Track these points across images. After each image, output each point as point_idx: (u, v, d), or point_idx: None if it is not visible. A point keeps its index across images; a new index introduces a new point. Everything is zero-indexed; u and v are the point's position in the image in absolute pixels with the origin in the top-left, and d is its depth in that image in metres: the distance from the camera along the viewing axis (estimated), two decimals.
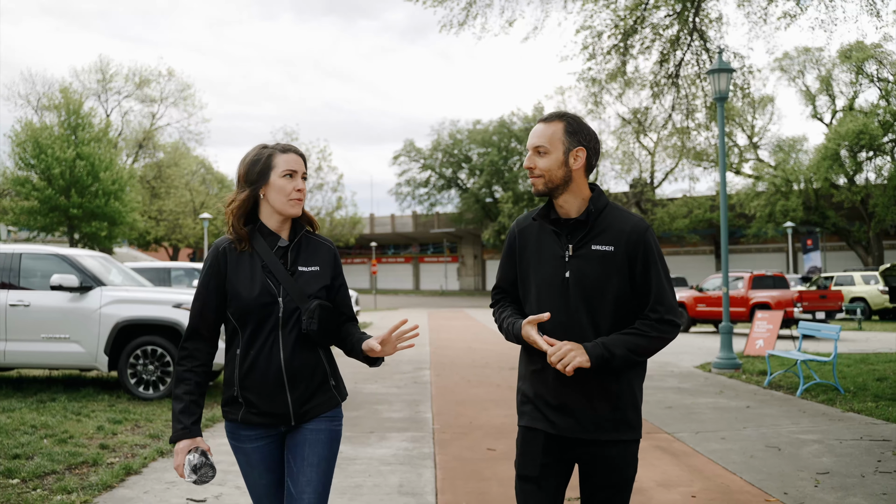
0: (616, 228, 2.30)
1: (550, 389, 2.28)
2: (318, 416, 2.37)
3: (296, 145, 2.43)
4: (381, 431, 6.52)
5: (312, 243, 2.45)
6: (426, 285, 64.88)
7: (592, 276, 2.26)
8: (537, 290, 2.33)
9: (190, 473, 2.22)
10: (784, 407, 7.71)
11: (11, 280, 8.69)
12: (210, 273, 2.37)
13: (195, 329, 2.38)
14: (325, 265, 2.43)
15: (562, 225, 2.35)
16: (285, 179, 2.35)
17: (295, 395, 2.33)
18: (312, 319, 2.30)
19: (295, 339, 2.32)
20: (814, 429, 6.55)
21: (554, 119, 2.35)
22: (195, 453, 2.24)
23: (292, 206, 2.37)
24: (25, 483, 4.81)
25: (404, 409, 7.76)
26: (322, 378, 2.39)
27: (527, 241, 2.41)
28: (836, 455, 5.55)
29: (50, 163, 33.83)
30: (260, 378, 2.31)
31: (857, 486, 4.72)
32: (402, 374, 10.53)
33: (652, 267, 2.28)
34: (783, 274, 19.66)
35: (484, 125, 55.62)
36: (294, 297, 2.33)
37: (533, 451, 2.32)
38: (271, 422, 2.34)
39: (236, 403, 2.36)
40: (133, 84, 49.97)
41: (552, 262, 2.32)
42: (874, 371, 10.06)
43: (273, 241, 2.38)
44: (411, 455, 5.63)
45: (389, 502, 4.42)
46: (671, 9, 17.27)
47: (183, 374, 2.35)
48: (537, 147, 2.32)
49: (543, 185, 2.32)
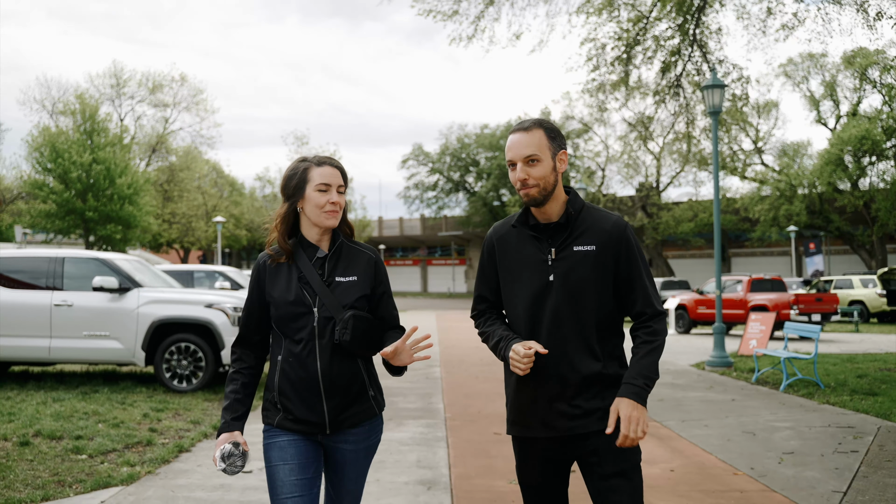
0: (597, 228, 2.33)
1: (537, 395, 2.31)
2: (355, 426, 2.42)
3: (329, 156, 2.52)
4: (399, 419, 7.24)
5: (352, 252, 2.48)
6: (434, 287, 65.58)
7: (576, 278, 2.29)
8: (522, 295, 2.35)
9: (220, 461, 2.32)
10: (766, 400, 8.40)
11: (56, 282, 9.44)
12: (253, 286, 2.49)
13: (243, 336, 2.50)
14: (363, 274, 2.45)
15: (541, 230, 2.36)
16: (319, 193, 2.40)
17: (331, 405, 2.36)
18: (346, 330, 2.33)
19: (332, 348, 2.35)
20: (788, 418, 7.24)
21: (534, 127, 2.35)
22: (229, 444, 2.34)
23: (327, 218, 2.40)
24: (93, 458, 5.54)
25: (418, 400, 8.49)
26: (360, 388, 2.41)
27: (506, 248, 2.41)
28: (803, 439, 6.24)
29: (67, 167, 34.69)
30: (297, 386, 2.36)
31: (816, 462, 5.41)
32: (415, 372, 11.26)
33: (634, 263, 2.33)
34: (781, 278, 20.29)
35: (491, 129, 56.40)
36: (329, 308, 2.36)
37: (531, 460, 2.35)
38: (307, 430, 2.39)
39: (274, 409, 2.42)
40: (146, 89, 50.94)
41: (535, 267, 2.33)
42: (858, 369, 10.72)
43: (312, 253, 2.44)
44: (426, 438, 6.36)
45: (410, 473, 5.15)
46: (672, 21, 17.98)
47: (232, 376, 2.48)
48: (528, 157, 2.31)
49: (539, 194, 2.31)
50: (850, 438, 6.24)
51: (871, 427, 6.70)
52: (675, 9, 17.60)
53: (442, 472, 5.19)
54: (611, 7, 17.50)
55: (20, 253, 9.90)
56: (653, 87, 19.42)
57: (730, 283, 20.21)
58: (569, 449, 2.32)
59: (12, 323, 9.25)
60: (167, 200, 47.41)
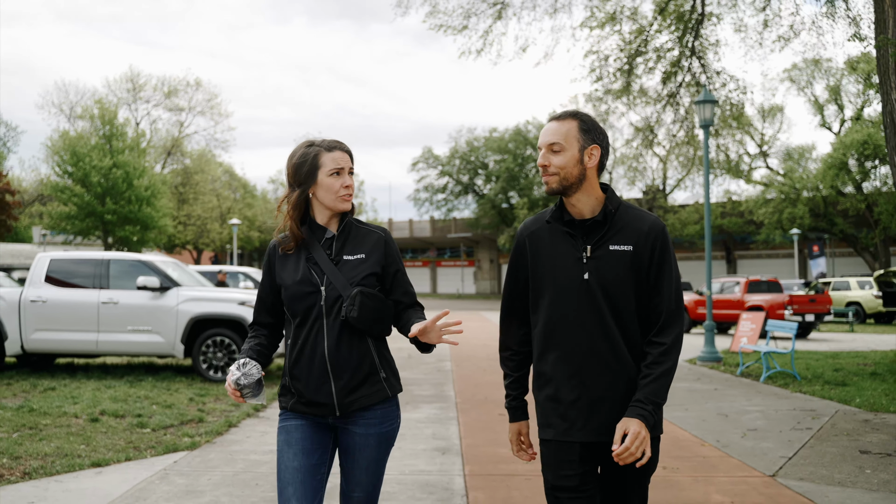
0: (634, 227, 2.28)
1: (575, 398, 2.27)
2: (366, 409, 2.41)
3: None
4: (414, 403, 8.19)
5: (361, 232, 2.49)
6: (443, 289, 66.50)
7: (612, 277, 2.25)
8: (553, 294, 2.31)
9: (235, 369, 2.35)
10: (745, 390, 9.30)
11: (102, 282, 10.44)
12: (265, 270, 2.53)
13: (256, 318, 2.58)
14: (372, 252, 2.45)
15: (576, 226, 2.31)
16: (333, 178, 2.41)
17: (339, 385, 2.36)
18: (353, 306, 2.32)
19: (340, 327, 2.36)
20: (761, 404, 8.14)
21: (567, 117, 2.33)
22: (240, 359, 2.40)
23: (342, 202, 2.43)
24: (155, 432, 6.51)
25: (431, 389, 9.43)
26: (370, 369, 2.40)
27: (539, 245, 2.36)
28: (768, 419, 7.15)
29: (87, 171, 35.79)
30: (306, 367, 2.37)
31: (773, 436, 6.32)
32: (427, 365, 12.20)
33: (665, 267, 2.29)
34: (777, 279, 21.13)
35: (500, 133, 57.35)
36: (337, 286, 2.36)
37: (570, 462, 2.27)
38: (317, 412, 2.40)
39: (288, 393, 2.45)
40: (162, 94, 52.18)
41: (569, 265, 2.28)
42: (837, 364, 11.59)
43: (321, 234, 2.46)
44: (440, 417, 7.30)
45: (427, 443, 6.09)
46: (672, 34, 18.88)
47: (248, 340, 2.56)
48: (551, 144, 2.30)
49: (558, 184, 2.29)
50: (809, 419, 7.14)
51: (830, 410, 7.61)
52: (675, 22, 18.53)
53: (454, 442, 6.13)
54: (613, 21, 18.42)
55: (70, 255, 10.89)
56: (654, 95, 20.31)
57: (728, 284, 21.09)
58: (597, 454, 2.30)
59: (64, 319, 10.24)
60: (182, 203, 48.53)
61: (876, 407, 7.69)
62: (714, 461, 5.50)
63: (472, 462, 5.48)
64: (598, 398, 2.24)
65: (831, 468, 5.27)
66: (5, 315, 10.36)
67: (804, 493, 4.63)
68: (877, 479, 4.97)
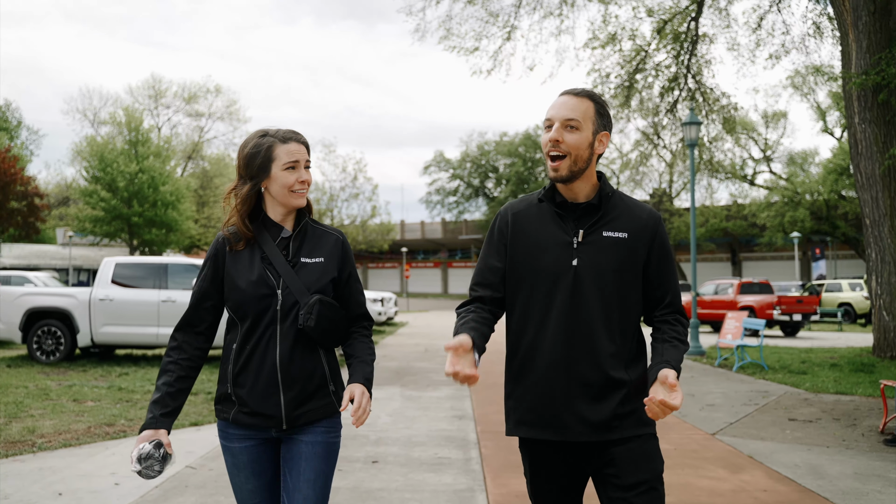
0: (631, 215, 2.16)
1: (554, 393, 2.09)
2: (313, 424, 2.24)
3: (300, 132, 2.33)
4: (434, 386, 9.74)
5: (317, 233, 2.34)
6: (454, 289, 68.03)
7: (604, 265, 2.09)
8: (535, 279, 2.13)
9: (135, 462, 2.11)
10: (716, 377, 10.80)
11: (161, 283, 12.06)
12: (210, 264, 2.29)
13: (188, 321, 2.29)
14: (330, 256, 2.30)
15: (569, 209, 2.16)
16: (288, 171, 2.23)
17: (289, 397, 2.20)
18: (310, 315, 2.18)
19: (294, 335, 2.20)
20: (725, 387, 9.65)
21: (584, 95, 2.14)
22: (149, 444, 2.13)
23: (296, 198, 2.26)
24: None
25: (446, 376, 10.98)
26: (320, 381, 2.25)
27: (523, 226, 2.18)
28: (726, 398, 8.67)
29: (115, 176, 37.57)
30: (253, 375, 2.20)
31: (724, 409, 7.85)
32: (442, 358, 13.76)
33: (667, 258, 2.18)
34: (768, 281, 22.55)
35: (510, 137, 58.95)
36: (294, 291, 2.21)
37: (544, 470, 2.17)
38: (262, 423, 2.21)
39: (229, 401, 2.25)
40: (182, 99, 54.06)
41: (557, 249, 2.12)
42: (806, 357, 13.06)
43: (276, 233, 2.29)
44: (456, 395, 8.86)
45: (446, 412, 7.65)
46: (668, 53, 20.40)
47: (166, 366, 2.25)
48: (569, 120, 2.10)
49: (567, 170, 2.11)
50: (760, 398, 8.66)
51: (780, 391, 9.12)
52: (672, 42, 20.05)
53: (468, 412, 7.69)
54: (614, 42, 19.93)
55: (132, 260, 12.52)
56: (652, 108, 21.82)
57: (723, 286, 22.56)
58: (584, 460, 2.13)
59: (129, 315, 11.87)
60: (202, 205, 50.29)
61: (819, 389, 9.20)
62: (671, 425, 7.03)
63: (483, 424, 7.03)
64: (584, 397, 2.06)
65: (760, 430, 6.79)
66: (77, 312, 12.01)
67: (730, 444, 6.15)
68: (792, 437, 6.49)
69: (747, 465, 5.48)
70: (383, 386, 9.70)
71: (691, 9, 19.39)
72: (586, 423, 2.06)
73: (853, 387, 9.28)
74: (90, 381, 9.68)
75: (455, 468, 5.31)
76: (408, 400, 8.55)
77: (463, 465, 5.39)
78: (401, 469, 5.27)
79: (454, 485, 4.86)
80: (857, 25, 12.63)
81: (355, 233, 51.64)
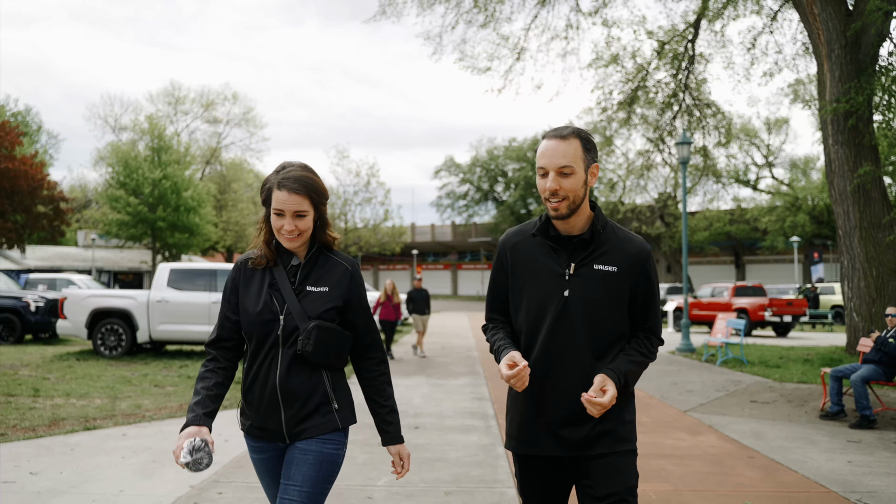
0: (622, 249, 2.26)
1: (541, 413, 2.25)
2: (312, 438, 2.35)
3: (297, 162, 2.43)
4: (454, 376, 11.33)
5: (329, 262, 2.45)
6: (463, 290, 69.60)
7: (594, 297, 2.22)
8: (529, 307, 2.28)
9: (186, 454, 2.17)
10: (700, 370, 12.34)
11: (211, 286, 13.69)
12: (229, 287, 2.47)
13: (218, 337, 2.45)
14: (336, 285, 2.41)
15: (562, 242, 2.27)
16: (276, 216, 2.34)
17: (289, 414, 2.34)
18: (308, 341, 2.29)
19: (292, 357, 2.33)
20: (706, 378, 11.19)
21: (571, 136, 2.24)
22: (197, 438, 2.22)
23: (286, 241, 2.37)
24: None
25: (465, 368, 12.57)
26: (321, 400, 2.36)
27: (519, 257, 2.33)
28: (704, 386, 10.21)
29: (140, 182, 39.30)
30: (258, 393, 2.36)
31: (699, 394, 9.40)
32: (458, 355, 15.33)
33: (652, 292, 2.30)
34: (761, 285, 24.04)
35: (519, 143, 60.60)
36: (294, 316, 2.33)
37: (532, 479, 2.33)
38: (268, 437, 2.39)
39: (245, 414, 2.44)
40: (200, 106, 55.87)
41: (550, 281, 2.25)
42: (786, 354, 14.56)
43: (287, 260, 2.42)
44: (474, 383, 10.46)
45: (468, 395, 9.23)
46: (667, 72, 21.94)
47: (203, 374, 2.40)
48: (562, 168, 2.21)
49: (567, 209, 2.22)
50: (732, 386, 10.20)
51: (751, 381, 10.67)
52: (671, 61, 21.59)
53: (485, 394, 9.28)
54: (616, 62, 21.47)
55: (185, 266, 14.15)
56: (653, 123, 23.37)
57: (719, 289, 24.07)
58: (567, 472, 2.29)
59: (182, 315, 13.50)
60: (220, 209, 52.00)
61: (784, 379, 10.74)
62: (652, 405, 8.59)
63: (498, 403, 8.61)
64: (568, 417, 2.21)
65: (724, 408, 8.35)
66: (137, 312, 13.66)
67: (697, 418, 7.71)
68: (749, 413, 8.04)
69: (705, 431, 7.04)
70: (411, 376, 11.30)
71: (688, 32, 20.91)
72: (566, 441, 2.23)
73: (815, 377, 10.80)
74: (160, 372, 11.30)
75: (479, 431, 6.90)
76: (434, 387, 10.13)
77: (485, 430, 6.98)
78: (437, 432, 6.86)
79: (479, 442, 6.44)
80: (831, 57, 14.12)
81: (368, 236, 53.23)
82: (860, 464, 5.77)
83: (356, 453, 5.82)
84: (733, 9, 20.60)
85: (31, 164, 32.78)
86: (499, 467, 5.53)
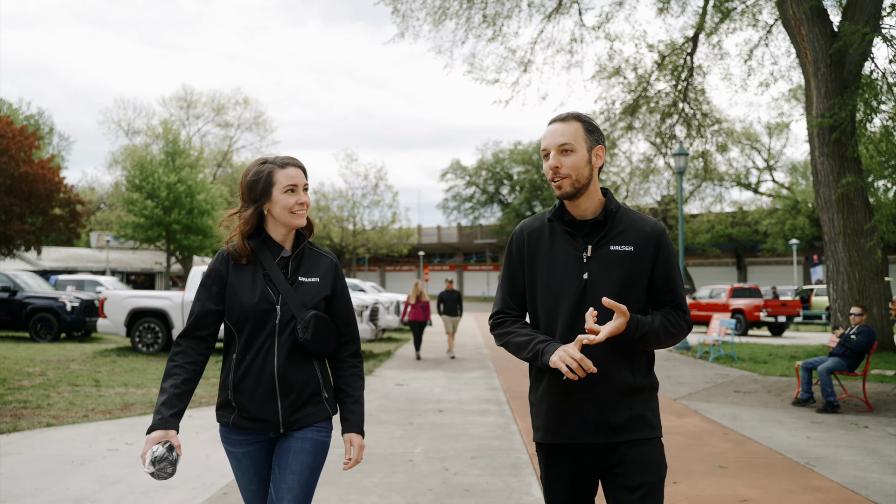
0: (636, 229, 2.30)
1: (569, 402, 2.25)
2: (306, 427, 2.43)
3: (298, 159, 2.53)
4: (468, 370, 12.43)
5: (314, 255, 2.55)
6: (469, 291, 70.64)
7: (612, 278, 2.25)
8: (549, 292, 2.29)
9: (148, 465, 2.19)
10: (693, 365, 13.41)
11: None
12: (213, 277, 2.47)
13: (192, 328, 2.45)
14: (325, 276, 2.51)
15: (577, 226, 2.32)
16: (287, 194, 2.43)
17: (286, 403, 2.40)
18: (307, 329, 2.37)
19: (290, 347, 2.39)
20: (697, 372, 12.26)
21: (571, 118, 2.32)
22: (162, 446, 2.23)
23: (296, 218, 2.46)
24: None
25: (478, 363, 13.67)
26: (314, 389, 2.45)
27: (537, 243, 2.35)
28: (694, 379, 11.29)
29: (156, 185, 40.45)
30: (253, 383, 2.39)
31: (690, 385, 10.47)
32: (470, 351, 16.43)
33: (673, 268, 2.32)
34: (757, 287, 25.08)
35: (524, 146, 61.69)
36: (292, 306, 2.40)
37: (560, 471, 2.31)
38: (260, 427, 2.42)
39: (229, 407, 2.44)
40: (212, 110, 57.05)
41: (568, 265, 2.28)
42: (776, 351, 15.61)
43: (276, 252, 2.48)
44: (487, 376, 11.55)
45: (482, 386, 10.32)
46: (667, 83, 23.00)
47: (171, 370, 2.40)
48: (562, 145, 2.28)
49: (570, 186, 2.27)
50: (720, 379, 11.27)
51: (737, 375, 11.74)
52: (671, 73, 22.65)
53: (498, 386, 10.38)
54: (618, 74, 22.52)
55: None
56: (654, 129, 24.41)
57: (717, 290, 25.14)
58: (596, 461, 2.28)
59: None
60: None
61: (768, 374, 11.80)
62: None
63: (509, 393, 9.70)
64: (596, 404, 2.22)
65: (710, 397, 9.43)
66: (172, 312, 14.78)
67: (684, 404, 8.79)
68: (731, 401, 9.12)
69: (690, 414, 8.13)
70: (428, 370, 12.39)
71: (686, 45, 21.97)
72: (597, 427, 2.22)
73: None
74: None
75: (495, 414, 8.00)
76: (450, 379, 11.22)
77: (499, 413, 8.08)
78: (458, 414, 7.95)
79: (496, 422, 7.54)
80: (818, 75, 15.16)
81: (376, 238, 54.33)
82: (817, 439, 6.85)
83: (392, 429, 6.92)
84: (730, 22, 21.64)
85: (47, 168, 33.82)
86: (514, 440, 6.62)
